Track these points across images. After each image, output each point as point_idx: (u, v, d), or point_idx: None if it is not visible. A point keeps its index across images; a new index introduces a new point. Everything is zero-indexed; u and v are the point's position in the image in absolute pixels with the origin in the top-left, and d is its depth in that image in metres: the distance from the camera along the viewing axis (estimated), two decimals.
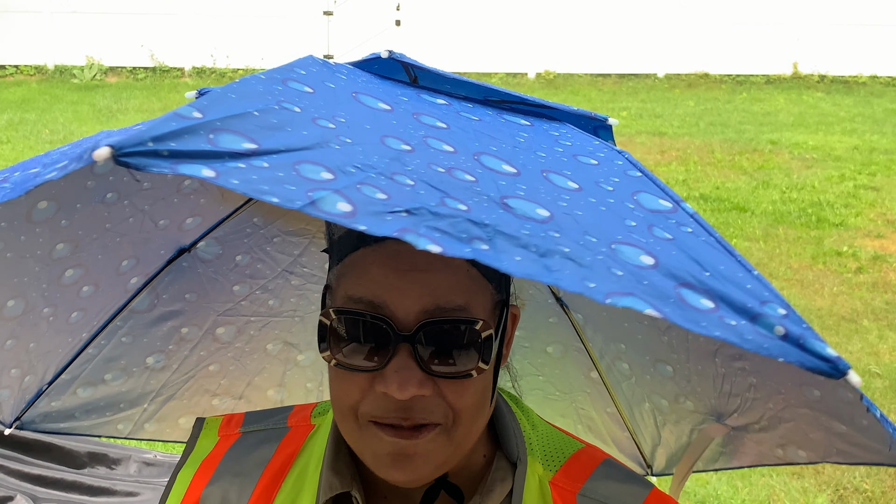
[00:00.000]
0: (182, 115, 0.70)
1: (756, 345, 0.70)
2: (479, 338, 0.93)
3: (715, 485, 4.17)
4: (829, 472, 4.28)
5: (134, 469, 3.35)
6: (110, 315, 1.47)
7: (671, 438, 1.58)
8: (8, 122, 12.25)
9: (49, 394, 1.50)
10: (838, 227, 8.17)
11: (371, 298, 0.92)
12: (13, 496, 3.06)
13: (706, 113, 13.61)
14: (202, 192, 1.38)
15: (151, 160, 0.63)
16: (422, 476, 0.96)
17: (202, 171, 0.64)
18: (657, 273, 0.74)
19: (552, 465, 1.09)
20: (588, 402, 1.69)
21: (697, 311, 0.71)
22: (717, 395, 1.38)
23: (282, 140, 0.73)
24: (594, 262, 0.71)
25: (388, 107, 0.96)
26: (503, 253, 0.68)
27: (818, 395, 1.17)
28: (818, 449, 1.29)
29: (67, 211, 1.17)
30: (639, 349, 1.48)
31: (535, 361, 1.67)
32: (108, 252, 1.33)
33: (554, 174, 0.91)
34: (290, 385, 1.73)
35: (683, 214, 0.93)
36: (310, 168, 0.70)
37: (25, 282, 1.25)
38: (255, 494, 1.12)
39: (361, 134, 0.82)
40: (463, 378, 0.93)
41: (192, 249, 1.49)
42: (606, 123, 1.27)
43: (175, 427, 1.68)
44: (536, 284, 1.57)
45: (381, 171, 0.73)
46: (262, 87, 0.84)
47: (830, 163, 10.54)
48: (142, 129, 0.66)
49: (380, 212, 0.67)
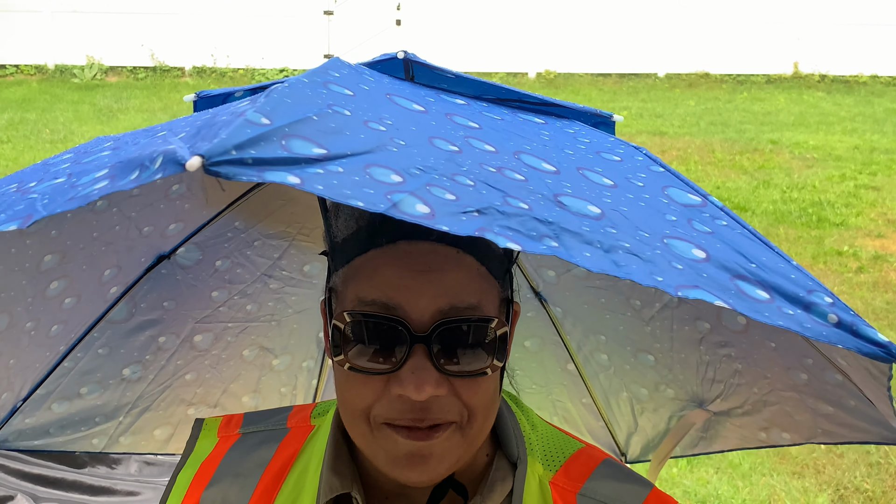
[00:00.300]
0: (252, 122, 0.69)
1: (815, 332, 0.70)
2: (494, 336, 0.93)
3: (716, 484, 4.17)
4: (830, 471, 4.28)
5: (134, 468, 3.33)
6: (87, 327, 1.45)
7: (648, 426, 1.59)
8: (8, 121, 12.25)
9: (24, 410, 1.47)
10: (839, 226, 8.16)
11: (385, 300, 0.91)
12: (14, 496, 3.05)
13: (707, 112, 13.60)
14: (188, 197, 1.37)
15: (239, 168, 0.63)
16: (437, 476, 0.96)
17: (288, 178, 0.64)
18: (711, 266, 0.74)
19: (552, 465, 1.09)
20: (564, 393, 1.69)
21: (758, 302, 0.71)
22: (699, 382, 1.39)
23: (346, 144, 0.72)
24: (654, 257, 0.71)
25: (422, 108, 0.95)
26: (573, 249, 0.68)
27: (805, 379, 1.18)
28: (802, 430, 1.30)
29: (58, 220, 1.17)
30: (620, 340, 1.49)
31: (513, 356, 1.66)
32: (93, 262, 1.32)
33: (588, 171, 0.91)
34: (265, 391, 1.72)
35: (714, 208, 0.93)
36: (380, 171, 0.69)
37: (12, 296, 1.24)
38: (256, 495, 1.11)
39: (410, 136, 0.81)
40: (478, 376, 0.93)
41: (171, 256, 1.48)
42: (610, 120, 1.27)
43: (150, 439, 1.66)
44: (516, 279, 1.57)
45: (442, 172, 0.73)
46: (309, 90, 0.83)
47: (831, 162, 10.53)
48: (222, 137, 0.65)
49: (455, 212, 0.67)
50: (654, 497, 1.08)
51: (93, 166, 0.80)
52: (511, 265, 1.01)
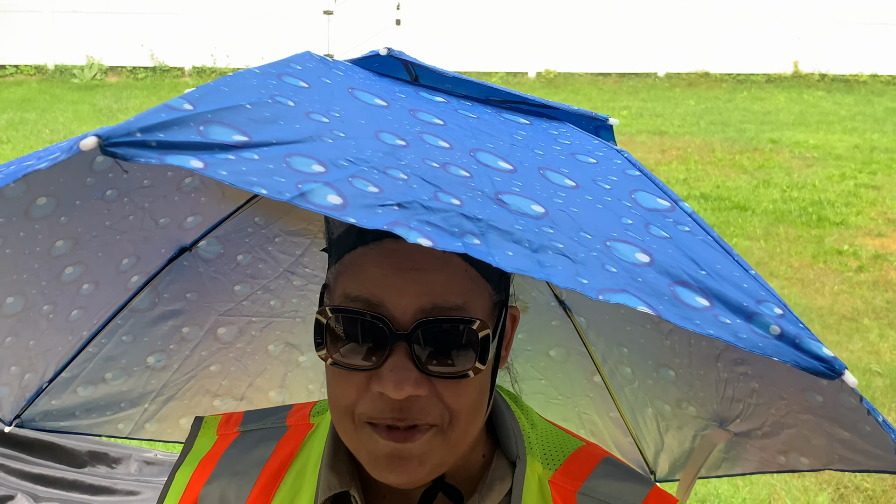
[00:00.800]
0: (172, 107, 0.70)
1: (751, 343, 0.70)
2: (476, 338, 0.92)
3: (716, 483, 4.17)
4: (830, 471, 4.28)
5: (134, 468, 3.34)
6: (111, 313, 1.45)
7: (674, 444, 1.56)
8: (8, 121, 12.25)
9: (49, 392, 1.49)
10: (839, 225, 8.17)
11: (368, 297, 0.91)
12: (14, 495, 3.05)
13: (707, 112, 13.62)
14: (203, 191, 1.37)
15: (139, 150, 0.63)
16: (417, 478, 0.95)
17: (190, 162, 0.64)
18: (652, 271, 0.74)
19: (552, 464, 1.09)
20: (591, 406, 1.67)
21: (692, 309, 0.71)
22: (719, 401, 1.37)
23: (274, 133, 0.73)
24: (588, 259, 0.71)
25: (385, 103, 0.95)
26: (495, 248, 0.68)
27: (820, 401, 1.16)
28: (821, 455, 1.28)
29: (67, 208, 1.16)
30: (641, 353, 1.47)
31: (537, 365, 1.65)
32: (108, 250, 1.32)
33: (551, 171, 0.91)
34: (292, 386, 1.72)
35: (681, 213, 0.93)
36: (301, 161, 0.70)
37: (25, 279, 1.24)
38: (254, 493, 1.11)
39: (355, 128, 0.82)
40: (460, 378, 0.92)
41: (193, 248, 1.47)
42: (607, 123, 1.26)
43: (176, 427, 1.67)
44: (539, 287, 1.55)
45: (374, 165, 0.73)
46: (255, 80, 0.84)
47: (831, 161, 10.54)
48: (131, 120, 0.66)
49: (371, 205, 0.67)
50: (654, 495, 1.08)
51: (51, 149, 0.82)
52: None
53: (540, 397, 1.68)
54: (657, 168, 10.19)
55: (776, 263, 7.16)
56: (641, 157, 10.37)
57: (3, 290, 1.24)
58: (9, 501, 3.03)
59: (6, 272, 1.21)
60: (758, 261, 7.18)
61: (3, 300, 1.25)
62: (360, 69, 1.12)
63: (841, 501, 4.09)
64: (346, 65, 1.11)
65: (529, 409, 1.17)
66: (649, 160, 10.49)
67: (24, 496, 3.05)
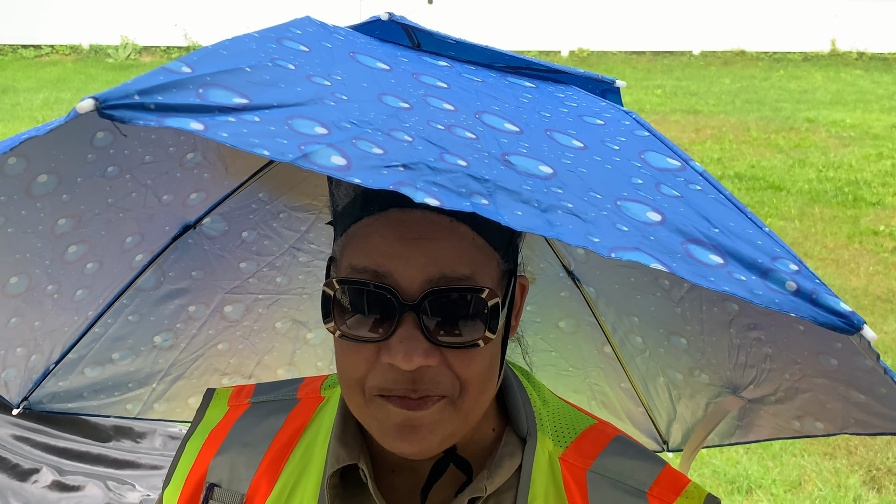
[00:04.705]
0: (170, 70, 0.69)
1: (767, 299, 0.69)
2: (485, 307, 0.91)
3: (745, 464, 4.14)
4: (862, 452, 4.23)
5: (159, 443, 3.36)
6: (116, 293, 1.45)
7: (687, 413, 1.55)
8: (44, 101, 12.38)
9: (56, 373, 1.48)
10: (875, 206, 8.07)
11: (375, 268, 0.90)
12: (39, 468, 3.08)
13: (742, 91, 13.48)
14: (206, 167, 1.36)
15: (137, 113, 0.63)
16: (428, 448, 0.94)
17: (190, 124, 0.63)
18: (664, 229, 0.73)
19: (562, 442, 1.08)
20: (602, 377, 1.66)
21: (706, 266, 0.70)
22: (732, 367, 1.36)
23: (275, 96, 0.72)
24: (598, 218, 0.71)
25: (387, 66, 0.94)
26: (504, 207, 0.67)
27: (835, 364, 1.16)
28: (836, 420, 1.28)
29: (68, 185, 1.15)
30: (652, 322, 1.46)
31: (547, 337, 1.64)
32: (112, 228, 1.31)
33: (558, 133, 0.90)
34: (300, 364, 1.71)
35: (692, 172, 0.92)
36: (303, 123, 0.69)
37: (28, 258, 1.23)
38: (263, 465, 1.11)
39: (358, 91, 0.81)
40: (469, 348, 0.91)
41: (197, 226, 1.46)
42: (614, 86, 1.26)
43: (185, 407, 1.66)
44: (547, 258, 1.54)
45: (378, 127, 0.73)
46: (255, 44, 0.83)
47: (868, 141, 10.40)
48: (129, 82, 0.65)
49: (376, 166, 0.66)
50: (666, 474, 1.07)
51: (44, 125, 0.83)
52: (516, 237, 1.00)
53: (550, 369, 1.66)
54: (691, 147, 10.09)
55: (811, 244, 7.08)
56: (675, 136, 10.28)
57: (6, 269, 1.23)
58: (34, 475, 3.06)
59: (9, 251, 1.20)
60: (792, 241, 7.10)
61: (7, 280, 1.24)
62: (361, 35, 1.11)
63: (873, 483, 4.04)
64: (347, 30, 1.10)
65: (541, 386, 1.16)
66: (683, 139, 10.39)
67: (50, 469, 3.08)
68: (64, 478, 3.08)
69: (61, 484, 3.06)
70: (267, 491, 1.09)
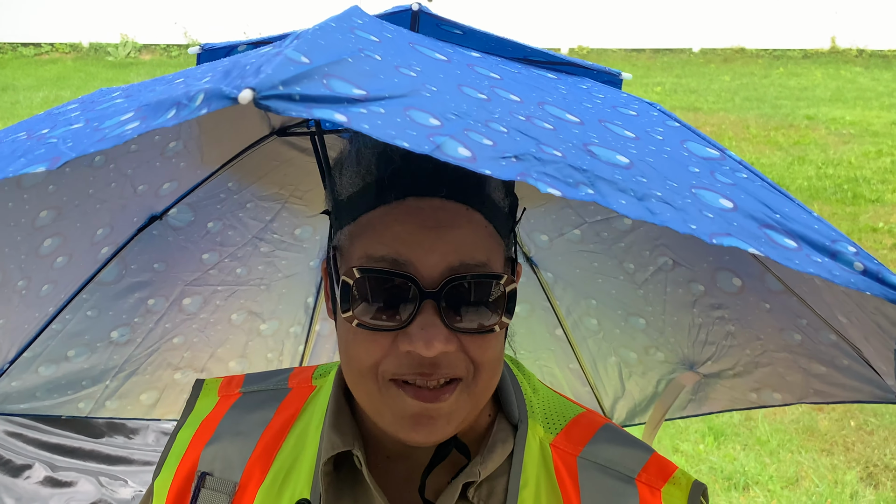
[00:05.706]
0: (294, 60, 0.67)
1: (844, 280, 0.71)
2: (503, 292, 0.93)
3: (742, 461, 4.13)
4: (860, 449, 4.23)
5: (152, 438, 3.33)
6: (77, 287, 1.41)
7: (636, 390, 1.62)
8: (44, 99, 12.26)
9: (10, 373, 1.43)
10: (874, 203, 8.07)
11: (395, 256, 0.90)
12: (32, 464, 3.06)
13: (742, 88, 13.41)
14: (184, 156, 1.33)
15: (288, 104, 0.62)
16: (442, 436, 0.96)
17: (335, 116, 0.63)
18: (739, 215, 0.74)
19: (553, 428, 1.10)
20: (552, 359, 1.71)
21: (787, 250, 0.71)
22: (691, 345, 1.42)
23: (382, 87, 0.71)
24: (686, 206, 0.71)
25: (445, 57, 0.93)
26: (609, 196, 0.67)
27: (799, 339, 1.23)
28: (794, 390, 1.34)
29: (56, 175, 1.14)
30: (611, 304, 1.51)
31: None
32: (87, 220, 1.28)
33: (609, 124, 0.90)
34: (252, 356, 1.70)
35: (732, 161, 0.93)
36: (419, 115, 0.69)
37: (6, 253, 1.20)
38: (256, 453, 1.10)
39: (440, 82, 0.80)
40: (487, 333, 0.93)
41: (163, 216, 1.44)
42: (618, 78, 1.27)
43: (136, 403, 1.62)
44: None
45: (476, 118, 0.72)
46: (339, 34, 0.81)
47: (868, 138, 10.37)
48: (268, 73, 0.64)
49: (495, 157, 0.66)
50: (654, 462, 1.08)
51: (111, 111, 0.78)
52: (515, 224, 1.02)
53: None
54: None
55: None
56: None
57: None
58: (27, 471, 3.04)
59: None
60: None
61: None
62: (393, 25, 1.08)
63: (870, 479, 4.04)
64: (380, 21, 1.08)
65: (531, 374, 1.18)
66: None
67: (42, 465, 3.05)
68: (56, 474, 3.04)
69: (54, 480, 3.02)
70: (260, 479, 1.09)
